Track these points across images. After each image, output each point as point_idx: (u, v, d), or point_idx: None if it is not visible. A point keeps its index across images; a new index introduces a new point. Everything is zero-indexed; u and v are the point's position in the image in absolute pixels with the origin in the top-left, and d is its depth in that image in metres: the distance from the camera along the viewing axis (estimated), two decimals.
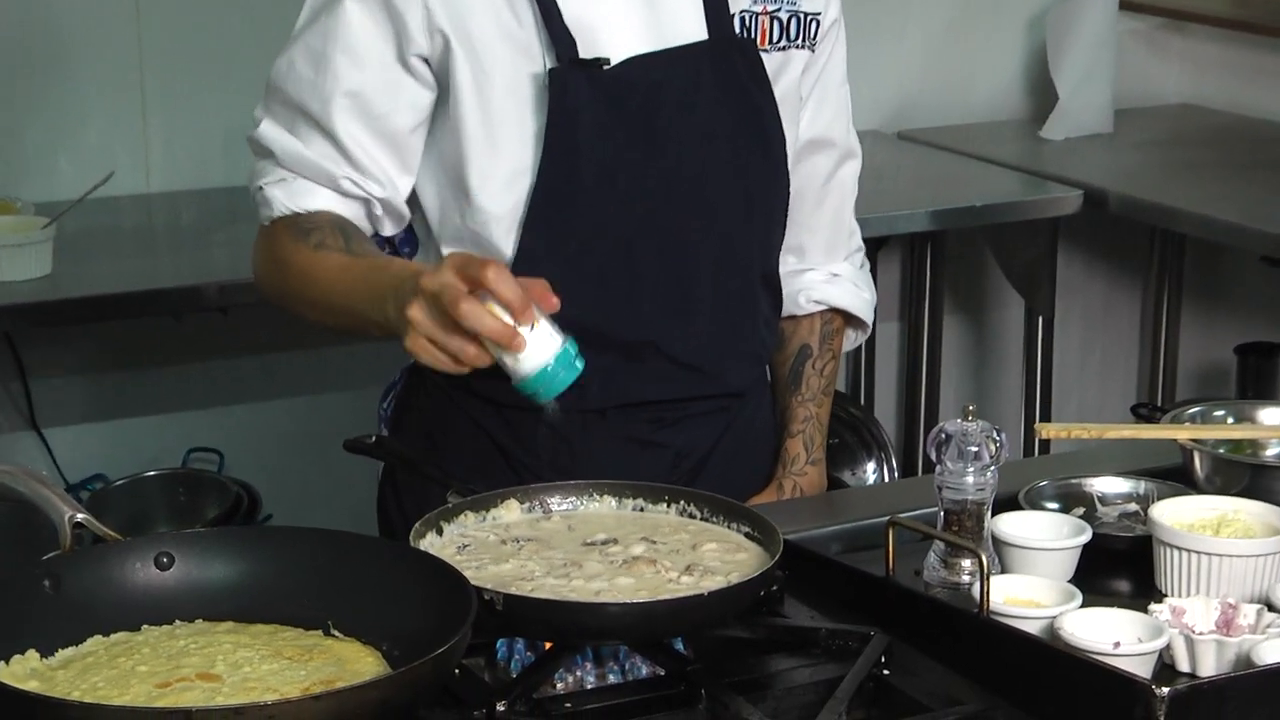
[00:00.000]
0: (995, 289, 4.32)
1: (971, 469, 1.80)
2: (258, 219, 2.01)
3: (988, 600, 1.64)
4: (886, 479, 3.42)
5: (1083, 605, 1.67)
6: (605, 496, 1.80)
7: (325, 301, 1.91)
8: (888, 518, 1.76)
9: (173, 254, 3.45)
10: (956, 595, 1.78)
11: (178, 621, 1.59)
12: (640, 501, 1.79)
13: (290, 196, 1.96)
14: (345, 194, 1.96)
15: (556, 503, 1.79)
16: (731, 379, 2.06)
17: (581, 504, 1.80)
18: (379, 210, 1.98)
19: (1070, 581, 1.76)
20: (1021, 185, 3.80)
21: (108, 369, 3.64)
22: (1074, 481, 1.98)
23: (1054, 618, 1.63)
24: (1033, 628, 1.64)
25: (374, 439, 1.93)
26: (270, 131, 1.97)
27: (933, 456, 1.82)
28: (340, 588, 1.59)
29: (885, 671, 1.61)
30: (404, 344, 1.71)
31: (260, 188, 1.98)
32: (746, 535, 1.73)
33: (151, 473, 3.50)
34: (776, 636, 1.68)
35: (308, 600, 1.59)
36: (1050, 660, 1.57)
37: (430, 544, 1.69)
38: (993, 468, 1.80)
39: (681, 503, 1.78)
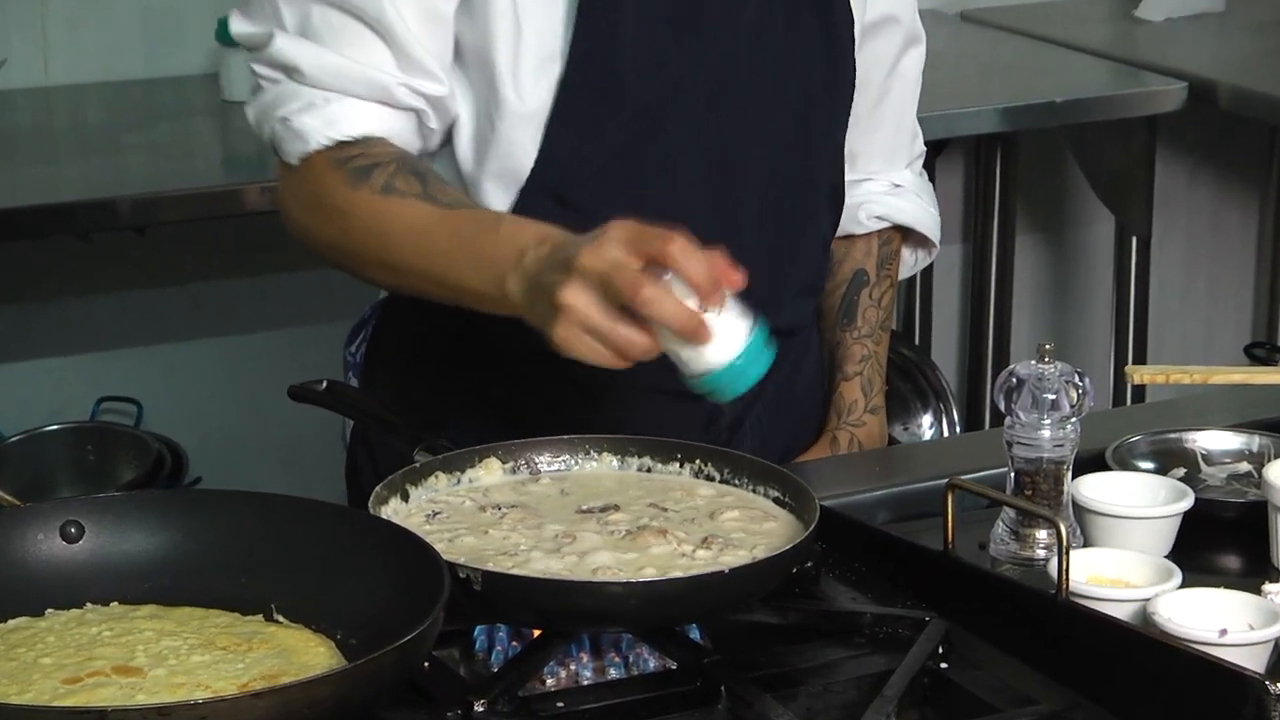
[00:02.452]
0: (1079, 203, 4.32)
1: (1048, 421, 1.81)
2: (281, 158, 1.92)
3: (1067, 579, 1.64)
4: (945, 433, 3.43)
5: (1182, 585, 1.68)
6: (605, 454, 1.81)
7: (403, 264, 1.86)
8: (946, 480, 1.77)
9: (79, 161, 3.45)
10: (1029, 573, 1.79)
11: (89, 605, 1.59)
12: (647, 460, 1.80)
13: (329, 123, 1.89)
14: (398, 105, 1.91)
15: (546, 462, 1.80)
16: (784, 314, 2.05)
17: (576, 463, 1.80)
18: (432, 122, 1.93)
19: (1168, 557, 1.77)
20: (1112, 76, 3.80)
21: (0, 301, 3.65)
22: (1173, 436, 1.99)
23: (1148, 600, 1.64)
24: (1122, 612, 1.65)
25: (324, 385, 1.92)
26: (291, 48, 1.89)
27: (1001, 406, 1.83)
28: (284, 564, 1.59)
29: (943, 664, 1.62)
30: (550, 333, 1.65)
31: (285, 119, 1.90)
32: (775, 500, 1.74)
33: (54, 426, 3.52)
34: (811, 622, 1.69)
35: (245, 579, 1.60)
36: (1143, 651, 1.57)
37: (394, 511, 1.70)
38: (1074, 420, 1.81)
39: (697, 461, 1.79)
